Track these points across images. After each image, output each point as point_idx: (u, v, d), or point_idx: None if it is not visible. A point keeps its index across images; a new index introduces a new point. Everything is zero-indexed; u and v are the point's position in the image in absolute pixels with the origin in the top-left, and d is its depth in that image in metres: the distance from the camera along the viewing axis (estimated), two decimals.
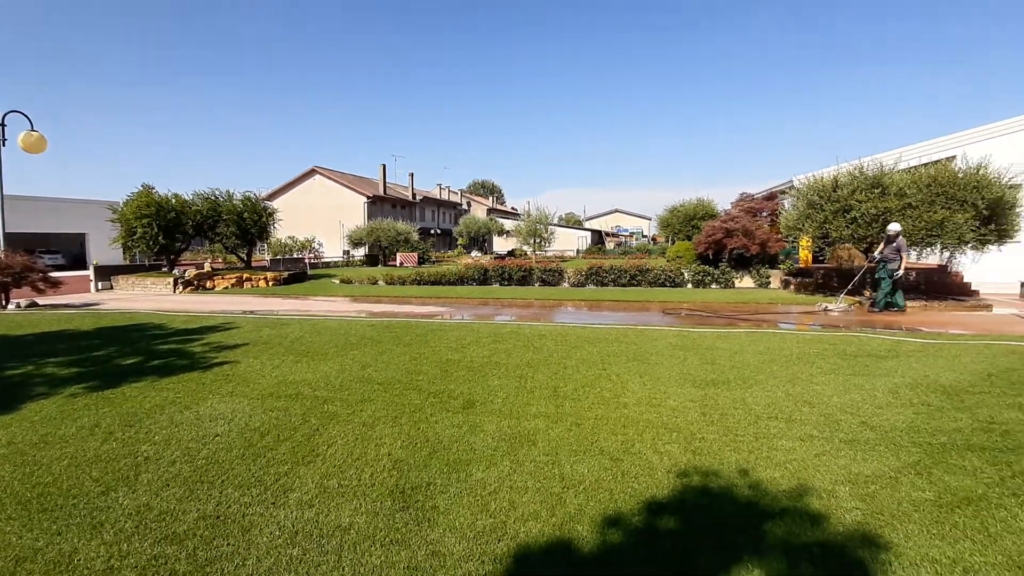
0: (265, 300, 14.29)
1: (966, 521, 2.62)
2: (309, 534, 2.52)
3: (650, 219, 63.42)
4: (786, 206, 14.35)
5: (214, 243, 21.66)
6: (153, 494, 2.95)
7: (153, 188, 18.57)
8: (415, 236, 32.11)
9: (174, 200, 18.68)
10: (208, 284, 18.01)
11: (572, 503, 2.79)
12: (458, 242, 48.22)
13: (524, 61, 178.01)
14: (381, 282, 18.57)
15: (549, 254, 35.46)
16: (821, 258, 17.05)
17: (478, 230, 47.27)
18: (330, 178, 41.80)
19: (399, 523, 2.60)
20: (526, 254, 31.53)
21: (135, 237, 17.83)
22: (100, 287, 18.11)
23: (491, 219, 52.18)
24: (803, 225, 12.37)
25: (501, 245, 50.32)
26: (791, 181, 14.85)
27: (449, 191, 63.36)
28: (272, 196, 40.42)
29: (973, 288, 12.37)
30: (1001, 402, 4.39)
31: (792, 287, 14.77)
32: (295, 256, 32.08)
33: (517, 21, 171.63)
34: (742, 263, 16.98)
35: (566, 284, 17.72)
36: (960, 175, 10.56)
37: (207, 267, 20.23)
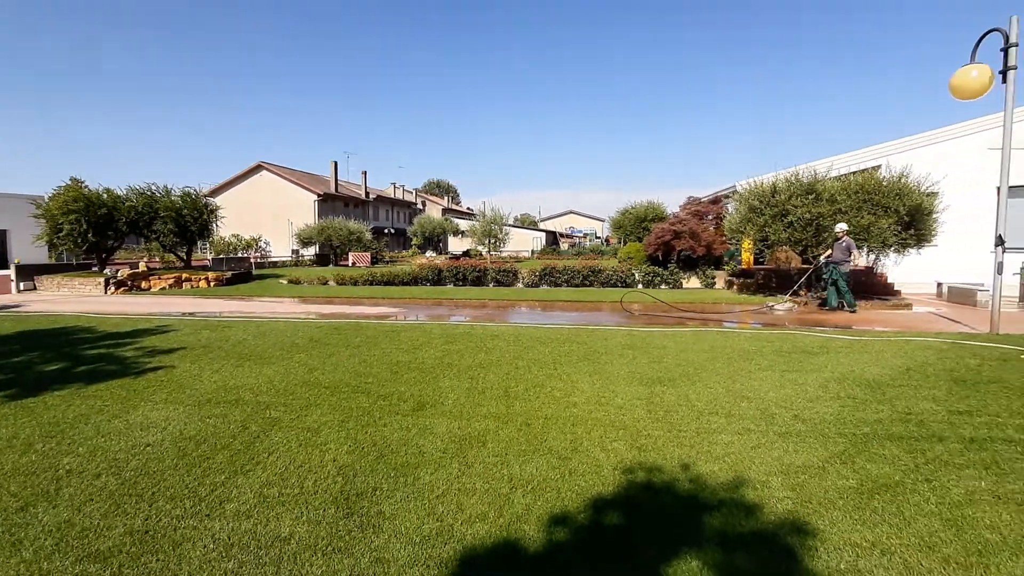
0: (206, 301, 13.63)
1: (884, 506, 2.81)
2: (246, 546, 2.43)
3: (604, 220, 64.67)
4: (730, 210, 14.97)
5: (150, 241, 20.45)
6: (75, 509, 2.76)
7: (83, 182, 17.36)
8: (368, 235, 31.47)
9: (106, 195, 17.52)
10: (143, 285, 17.00)
11: (520, 503, 2.81)
12: (413, 242, 47.59)
13: (482, 61, 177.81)
14: (332, 282, 18.08)
15: (504, 254, 35.55)
16: (761, 260, 17.88)
17: (433, 230, 46.81)
18: (278, 174, 40.29)
19: (343, 531, 2.54)
20: (481, 254, 31.49)
21: (61, 234, 16.61)
22: (22, 288, 16.78)
23: (446, 219, 51.77)
24: (745, 228, 12.94)
25: (456, 245, 50.03)
26: (735, 186, 15.53)
27: (404, 190, 62.41)
28: (215, 192, 38.57)
29: (896, 288, 13.31)
30: (917, 394, 4.74)
31: (735, 287, 15.43)
32: (240, 255, 30.78)
33: (473, 20, 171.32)
34: (689, 264, 17.60)
35: (520, 284, 17.82)
36: (884, 183, 11.34)
37: (142, 267, 19.08)
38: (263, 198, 39.79)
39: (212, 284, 17.88)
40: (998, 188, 7.79)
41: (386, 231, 48.03)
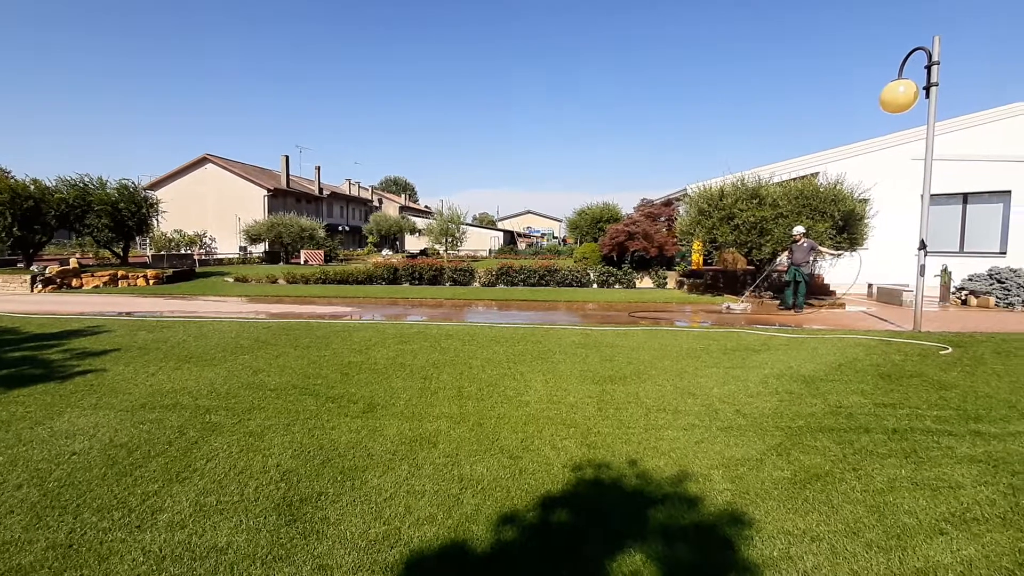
0: (144, 300, 12.90)
1: (815, 495, 2.97)
2: (179, 558, 2.31)
3: (561, 221, 65.31)
4: (681, 212, 15.44)
5: (83, 236, 19.16)
6: None
7: (9, 172, 16.11)
8: (321, 233, 30.58)
9: (33, 187, 16.28)
10: (75, 283, 15.90)
11: (469, 503, 2.80)
12: (368, 240, 46.63)
13: (441, 57, 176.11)
14: (281, 281, 17.49)
15: (461, 254, 35.38)
16: (710, 261, 18.55)
17: (389, 228, 46.03)
18: (225, 167, 38.58)
19: (284, 538, 2.46)
20: (438, 253, 31.22)
21: None
22: None
23: (403, 217, 51.02)
24: (695, 230, 13.39)
25: (413, 244, 49.41)
26: (686, 189, 16.03)
27: (360, 187, 61.05)
28: (156, 185, 36.57)
29: (831, 289, 14.09)
30: (847, 388, 5.04)
31: (686, 287, 15.94)
32: (182, 252, 29.29)
33: (430, 15, 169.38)
34: (642, 264, 18.05)
35: (477, 284, 17.78)
36: (822, 189, 11.99)
37: (73, 263, 17.85)
38: (209, 192, 38.04)
39: (151, 282, 16.94)
40: (921, 196, 8.38)
41: (341, 229, 46.89)
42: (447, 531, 2.54)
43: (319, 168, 46.67)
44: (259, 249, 32.73)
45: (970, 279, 12.83)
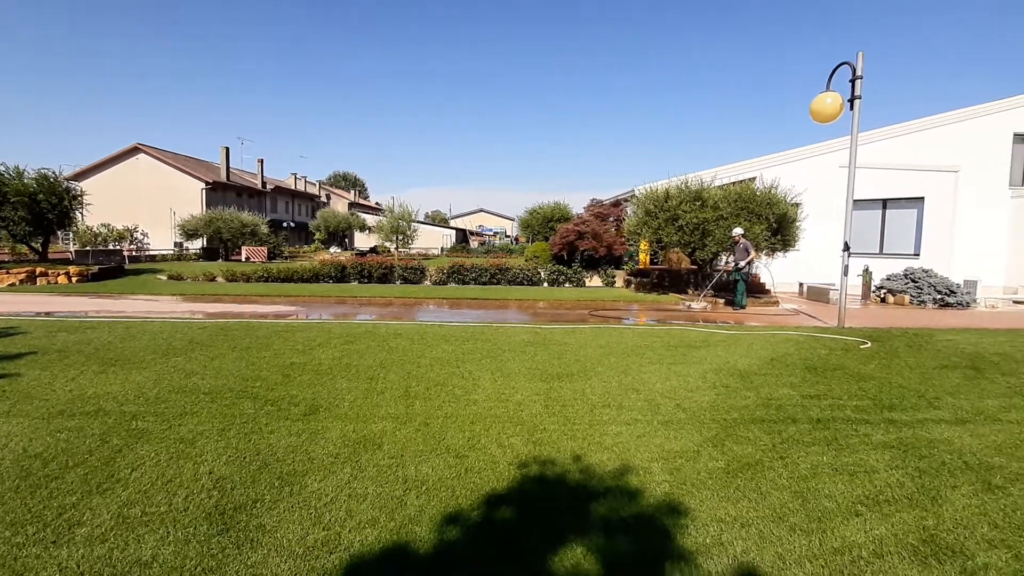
0: (66, 299, 11.98)
1: (746, 483, 3.13)
2: (98, 573, 2.17)
3: (513, 220, 65.61)
4: (629, 213, 15.86)
5: None
6: None
7: None
8: (264, 229, 29.39)
9: None
10: None
11: (413, 505, 2.78)
12: (315, 237, 45.21)
13: (391, 55, 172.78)
14: (220, 279, 16.67)
15: (413, 251, 34.93)
16: (656, 260, 19.16)
17: (338, 225, 44.80)
18: (159, 158, 36.31)
19: (215, 549, 2.35)
20: (389, 251, 30.67)
21: None
22: None
23: (352, 214, 49.78)
24: (641, 230, 13.78)
25: (363, 241, 48.31)
26: (633, 191, 16.48)
27: (306, 182, 59.03)
28: (81, 176, 34.00)
29: (768, 287, 14.87)
30: (778, 381, 5.34)
31: (633, 286, 16.39)
32: (111, 248, 27.39)
33: (381, 13, 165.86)
34: (592, 264, 18.42)
35: (428, 282, 17.60)
36: (758, 193, 12.63)
37: None
38: (141, 184, 35.72)
39: (75, 280, 15.74)
40: (846, 201, 8.98)
41: (286, 225, 45.19)
42: (389, 534, 2.51)
43: (262, 161, 44.77)
44: (196, 245, 31.08)
45: (888, 279, 13.86)
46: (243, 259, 26.36)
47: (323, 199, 59.16)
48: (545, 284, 17.49)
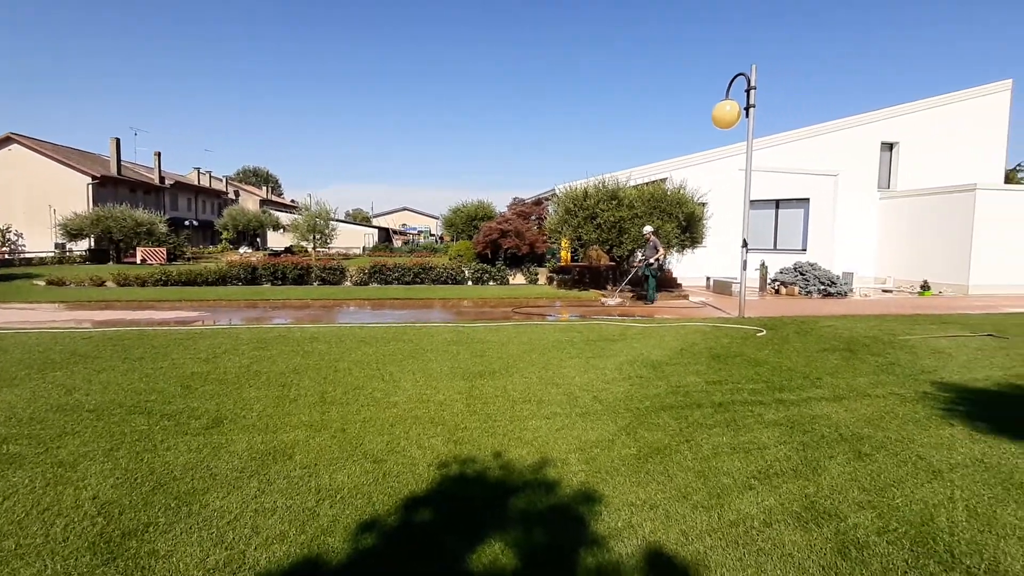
0: None
1: (655, 467, 3.32)
2: None
3: (438, 218, 64.88)
4: (550, 211, 16.21)
5: None
6: None
7: None
8: (162, 228, 26.96)
9: None
10: None
11: (326, 515, 2.68)
12: (223, 236, 42.15)
13: (307, 41, 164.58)
14: (110, 283, 15.10)
15: (332, 251, 33.55)
16: (577, 258, 19.75)
17: (248, 223, 42.06)
18: (36, 150, 32.16)
19: None
20: (306, 251, 29.24)
21: None
22: None
23: (264, 212, 47.00)
24: (562, 228, 14.15)
25: (277, 241, 45.76)
26: (554, 189, 16.87)
27: (212, 177, 54.73)
28: None
29: (679, 282, 15.82)
30: (686, 370, 5.70)
31: (555, 283, 16.79)
32: None
33: (301, 10, 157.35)
34: (515, 262, 18.64)
35: (348, 283, 16.98)
36: (669, 193, 13.39)
37: None
38: (15, 179, 31.50)
39: None
40: (743, 201, 9.74)
41: (188, 224, 41.77)
42: (299, 548, 2.40)
43: (159, 154, 40.93)
44: (82, 247, 27.93)
45: (781, 272, 15.23)
46: (138, 261, 24.03)
47: (231, 196, 55.24)
48: (469, 283, 17.47)
